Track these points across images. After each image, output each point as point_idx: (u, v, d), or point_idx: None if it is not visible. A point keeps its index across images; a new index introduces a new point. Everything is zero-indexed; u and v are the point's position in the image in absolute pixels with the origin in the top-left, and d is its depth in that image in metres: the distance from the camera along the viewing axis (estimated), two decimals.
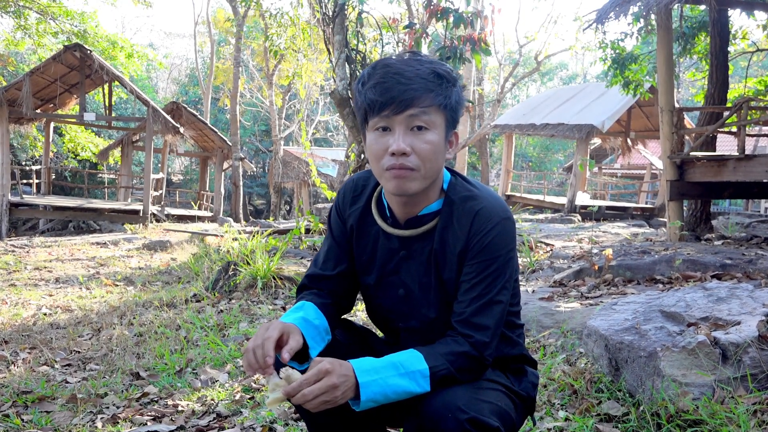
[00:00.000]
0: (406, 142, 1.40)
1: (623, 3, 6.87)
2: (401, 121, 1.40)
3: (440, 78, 1.42)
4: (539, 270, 5.61)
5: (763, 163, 6.27)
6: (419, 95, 1.39)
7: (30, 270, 7.59)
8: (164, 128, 15.57)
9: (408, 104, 1.39)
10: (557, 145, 35.72)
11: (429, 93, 1.40)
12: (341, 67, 7.06)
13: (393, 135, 1.41)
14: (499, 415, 1.40)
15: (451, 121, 1.48)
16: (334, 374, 1.29)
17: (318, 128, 30.87)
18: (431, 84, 1.40)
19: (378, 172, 1.47)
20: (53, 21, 17.38)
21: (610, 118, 14.45)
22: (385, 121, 1.42)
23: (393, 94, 1.38)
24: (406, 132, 1.41)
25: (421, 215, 1.53)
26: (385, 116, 1.41)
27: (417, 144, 1.41)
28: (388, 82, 1.39)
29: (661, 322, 2.53)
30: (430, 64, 1.43)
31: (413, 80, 1.39)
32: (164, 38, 64.61)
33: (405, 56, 1.45)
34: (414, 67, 1.41)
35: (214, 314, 4.59)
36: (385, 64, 1.42)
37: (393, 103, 1.39)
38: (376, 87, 1.40)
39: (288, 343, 1.39)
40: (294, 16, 13.01)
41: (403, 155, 1.41)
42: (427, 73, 1.41)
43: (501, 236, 1.46)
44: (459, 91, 1.47)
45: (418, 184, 1.45)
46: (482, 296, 1.45)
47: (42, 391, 3.06)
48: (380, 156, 1.44)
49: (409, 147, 1.41)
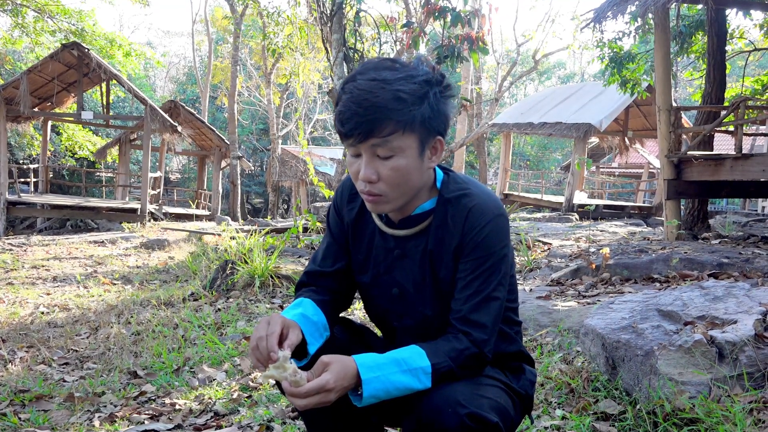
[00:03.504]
0: (371, 169, 1.40)
1: (621, 2, 6.87)
2: (366, 149, 1.40)
3: (401, 102, 1.35)
4: (537, 269, 5.62)
5: (760, 163, 6.28)
6: (377, 126, 1.36)
7: (27, 269, 7.58)
8: (162, 127, 15.55)
9: (367, 135, 1.37)
10: (555, 144, 35.74)
11: (389, 121, 1.36)
12: (339, 66, 7.06)
13: (362, 160, 1.43)
14: (498, 411, 1.40)
15: (427, 134, 1.42)
16: (333, 392, 1.31)
17: (316, 127, 30.85)
18: (391, 112, 1.35)
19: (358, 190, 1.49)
20: (51, 19, 17.32)
21: (608, 117, 14.46)
22: (353, 149, 1.42)
23: (352, 125, 1.37)
24: (371, 159, 1.40)
25: (414, 215, 1.54)
26: (350, 144, 1.41)
27: (383, 171, 1.41)
28: (347, 111, 1.36)
29: (658, 321, 2.53)
30: (397, 84, 1.36)
31: (370, 110, 1.34)
32: (162, 37, 64.64)
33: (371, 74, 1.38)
34: (375, 93, 1.35)
35: (211, 313, 4.59)
36: (352, 87, 1.38)
37: (353, 134, 1.37)
38: (341, 114, 1.38)
39: (288, 337, 1.40)
40: (292, 14, 13.00)
41: (369, 182, 1.42)
42: (388, 99, 1.35)
43: (495, 233, 1.47)
44: (434, 100, 1.41)
45: (390, 206, 1.47)
46: (478, 293, 1.46)
47: (39, 389, 3.06)
48: (355, 178, 1.46)
49: (375, 174, 1.41)
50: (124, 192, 18.77)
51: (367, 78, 1.38)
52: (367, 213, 1.62)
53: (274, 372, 1.33)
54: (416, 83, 1.38)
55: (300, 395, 1.30)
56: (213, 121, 30.39)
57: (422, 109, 1.39)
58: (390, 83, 1.36)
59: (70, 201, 16.01)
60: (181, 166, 34.66)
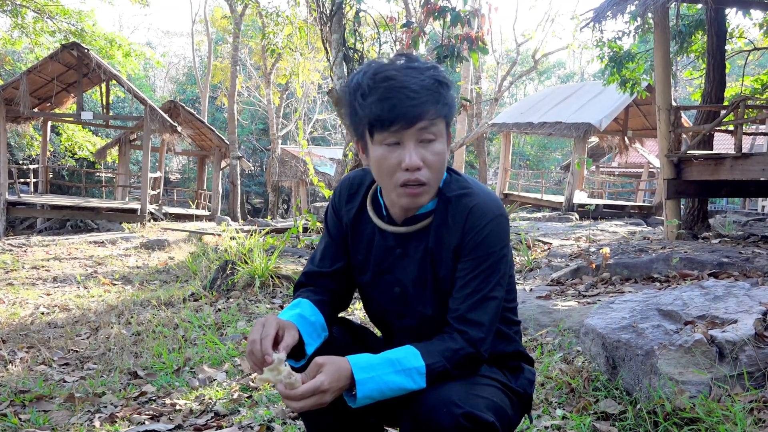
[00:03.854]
0: (418, 156, 1.40)
1: (620, 2, 6.87)
2: (411, 134, 1.39)
3: (441, 85, 1.41)
4: (537, 268, 5.62)
5: (759, 162, 6.28)
6: (427, 108, 1.38)
7: (28, 269, 7.58)
8: (162, 127, 15.54)
9: (418, 118, 1.37)
10: (555, 143, 35.74)
11: (435, 104, 1.39)
12: (339, 66, 7.05)
13: (404, 149, 1.40)
14: (495, 411, 1.40)
15: (449, 123, 1.48)
16: (329, 393, 1.31)
17: (316, 127, 30.85)
18: (435, 94, 1.39)
19: (389, 187, 1.46)
20: (50, 20, 17.32)
21: (608, 116, 14.46)
22: (395, 136, 1.40)
23: (402, 109, 1.36)
24: (416, 145, 1.40)
25: (418, 214, 1.54)
26: (394, 131, 1.39)
27: (427, 156, 1.41)
28: (396, 96, 1.36)
29: (658, 321, 2.53)
30: (429, 71, 1.41)
31: (420, 93, 1.37)
32: (162, 37, 64.57)
33: (400, 62, 1.42)
34: (417, 78, 1.38)
35: (211, 313, 4.59)
36: (387, 77, 1.39)
37: (403, 119, 1.37)
38: (383, 102, 1.37)
39: (284, 339, 1.39)
40: (291, 14, 13.00)
41: (416, 170, 1.40)
42: (430, 83, 1.39)
43: (495, 232, 1.47)
44: (453, 93, 1.48)
45: (428, 196, 1.46)
46: (477, 292, 1.46)
47: (40, 390, 3.06)
48: (392, 171, 1.42)
49: (421, 161, 1.40)
50: (123, 192, 18.77)
51: (398, 68, 1.40)
52: (366, 212, 1.61)
53: (269, 375, 1.33)
54: (442, 73, 1.43)
55: (295, 397, 1.29)
56: (213, 121, 30.38)
57: (449, 97, 1.43)
58: (423, 71, 1.40)
59: (70, 201, 16.00)
60: (180, 167, 34.66)
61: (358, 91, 1.42)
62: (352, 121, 1.47)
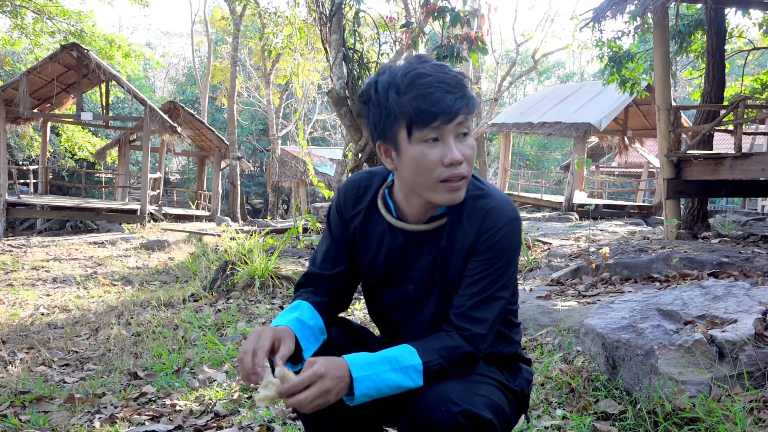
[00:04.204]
0: (459, 150, 1.42)
1: (620, 2, 6.87)
2: (451, 130, 1.40)
3: (468, 82, 1.44)
4: (537, 269, 5.62)
5: (759, 162, 6.28)
6: (464, 103, 1.40)
7: (27, 270, 7.58)
8: (161, 128, 15.54)
9: (458, 113, 1.40)
10: (555, 143, 35.74)
11: (470, 99, 1.42)
12: (338, 66, 7.05)
13: (444, 145, 1.41)
14: (492, 409, 1.40)
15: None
16: (327, 378, 1.30)
17: (315, 127, 30.84)
18: (466, 89, 1.42)
19: (426, 185, 1.45)
20: (50, 20, 17.31)
21: (608, 116, 14.46)
22: (435, 132, 1.40)
23: (446, 104, 1.38)
24: (455, 141, 1.42)
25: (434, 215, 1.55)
26: (435, 127, 1.39)
27: (465, 151, 1.43)
28: (437, 92, 1.38)
29: (658, 321, 2.53)
30: (454, 70, 1.44)
31: (457, 88, 1.40)
32: (161, 37, 64.44)
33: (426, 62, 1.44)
34: (450, 74, 1.41)
35: (211, 314, 4.59)
36: (422, 74, 1.40)
37: (445, 114, 1.38)
38: (425, 98, 1.38)
39: (279, 350, 1.39)
40: (291, 15, 12.99)
41: (459, 164, 1.42)
42: (461, 79, 1.42)
43: (510, 236, 1.48)
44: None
45: (464, 191, 1.47)
46: (484, 291, 1.47)
47: (40, 391, 3.06)
48: (433, 168, 1.42)
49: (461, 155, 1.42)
50: (123, 193, 18.76)
51: (432, 65, 1.43)
52: (375, 214, 1.61)
53: (267, 393, 1.32)
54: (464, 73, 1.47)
55: (296, 388, 1.29)
56: (212, 121, 30.38)
57: (472, 94, 1.45)
58: (451, 69, 1.44)
59: (70, 202, 16.00)
60: (180, 167, 34.66)
61: (390, 90, 1.41)
62: (380, 122, 1.45)
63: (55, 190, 19.96)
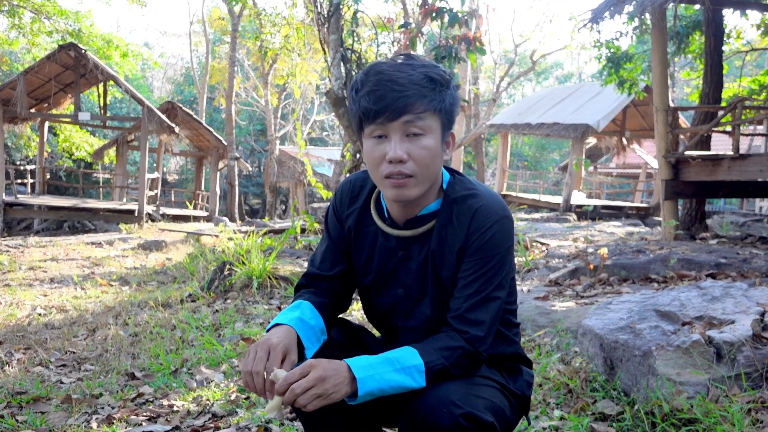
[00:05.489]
0: (402, 149, 1.41)
1: (618, 2, 6.88)
2: (397, 128, 1.41)
3: (433, 82, 1.42)
4: (535, 269, 5.62)
5: (757, 163, 6.29)
6: (413, 101, 1.39)
7: (25, 270, 7.57)
8: (159, 128, 15.51)
9: (402, 111, 1.39)
10: (553, 144, 35.75)
11: (423, 98, 1.40)
12: (337, 67, 7.06)
13: (389, 142, 1.42)
14: (494, 411, 1.40)
15: (447, 123, 1.48)
16: (320, 367, 1.31)
17: (313, 128, 30.84)
18: (424, 89, 1.40)
19: (377, 179, 1.48)
20: (48, 20, 17.29)
21: (606, 117, 14.47)
22: (380, 129, 1.42)
23: (387, 101, 1.39)
24: (402, 139, 1.42)
25: (420, 215, 1.54)
26: (380, 124, 1.41)
27: (413, 150, 1.42)
28: (381, 89, 1.39)
29: (656, 321, 2.53)
30: (423, 68, 1.42)
31: (406, 86, 1.39)
32: (159, 37, 64.52)
33: (398, 60, 1.45)
34: (406, 73, 1.40)
35: (209, 314, 4.59)
36: (378, 71, 1.42)
37: (387, 111, 1.39)
38: (370, 95, 1.40)
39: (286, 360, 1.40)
40: (289, 15, 13.00)
41: (400, 162, 1.41)
42: (419, 78, 1.41)
43: (499, 234, 1.48)
44: (453, 92, 1.48)
45: (416, 190, 1.46)
46: (479, 292, 1.47)
47: (37, 391, 3.05)
48: (378, 163, 1.44)
49: (406, 154, 1.41)
50: (121, 193, 18.73)
51: (393, 64, 1.43)
52: (369, 215, 1.62)
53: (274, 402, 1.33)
54: (441, 71, 1.45)
55: (294, 377, 1.29)
56: (210, 121, 30.35)
57: (447, 96, 1.45)
58: (417, 68, 1.42)
59: (67, 202, 15.96)
60: (178, 167, 34.61)
61: (354, 87, 1.45)
62: (351, 119, 1.49)
63: (53, 190, 19.92)
